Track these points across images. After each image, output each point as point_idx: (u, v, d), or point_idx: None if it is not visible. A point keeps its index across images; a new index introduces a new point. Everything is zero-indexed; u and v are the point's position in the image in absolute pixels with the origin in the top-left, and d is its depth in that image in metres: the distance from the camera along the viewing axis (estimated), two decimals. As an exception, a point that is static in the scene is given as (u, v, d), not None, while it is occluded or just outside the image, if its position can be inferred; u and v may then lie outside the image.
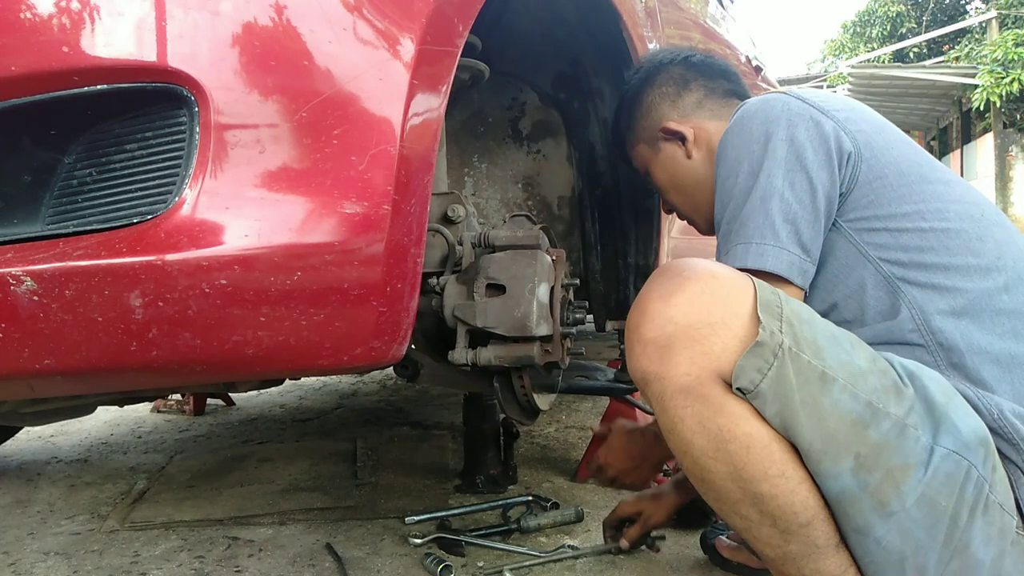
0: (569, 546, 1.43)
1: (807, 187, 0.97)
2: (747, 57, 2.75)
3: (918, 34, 19.92)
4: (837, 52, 24.18)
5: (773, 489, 0.84)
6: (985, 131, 15.10)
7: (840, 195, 0.99)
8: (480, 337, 1.08)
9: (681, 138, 1.25)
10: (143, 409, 2.84)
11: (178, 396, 2.72)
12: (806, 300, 0.99)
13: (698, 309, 0.85)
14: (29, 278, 0.72)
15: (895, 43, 19.67)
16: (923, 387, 0.86)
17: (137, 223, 0.74)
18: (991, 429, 0.87)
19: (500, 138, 1.67)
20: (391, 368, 1.34)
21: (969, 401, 0.89)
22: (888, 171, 0.99)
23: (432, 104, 0.86)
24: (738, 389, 0.84)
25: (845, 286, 0.99)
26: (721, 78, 1.30)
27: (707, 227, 1.23)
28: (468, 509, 1.65)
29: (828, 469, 0.83)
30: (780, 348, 0.83)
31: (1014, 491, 0.87)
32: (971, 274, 0.94)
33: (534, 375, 1.20)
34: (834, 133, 0.99)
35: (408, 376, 1.31)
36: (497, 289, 1.06)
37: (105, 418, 2.70)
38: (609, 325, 1.79)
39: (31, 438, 2.48)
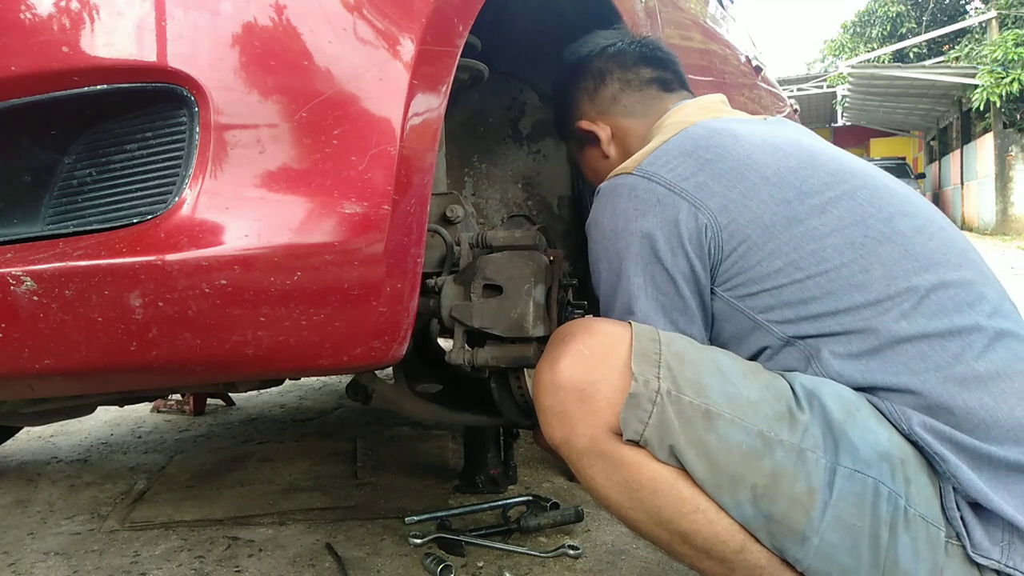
0: (569, 546, 1.43)
1: (667, 278, 0.97)
2: (747, 57, 2.76)
3: (918, 34, 19.94)
4: (837, 52, 24.23)
5: (693, 525, 0.85)
6: (985, 131, 15.10)
7: (710, 268, 0.96)
8: (478, 338, 1.08)
9: (596, 138, 1.24)
10: (143, 409, 2.84)
11: (178, 396, 2.72)
12: None
13: (580, 370, 0.88)
14: (29, 278, 0.72)
15: (895, 43, 19.70)
16: (822, 406, 0.85)
17: (137, 223, 0.74)
18: (912, 442, 0.86)
19: (500, 138, 1.67)
20: (346, 388, 1.35)
21: (883, 414, 0.87)
22: (751, 230, 0.94)
23: (432, 104, 0.86)
24: (628, 440, 0.85)
25: (747, 349, 0.97)
26: (640, 65, 1.24)
27: None
28: (468, 509, 1.65)
29: (727, 502, 0.84)
30: (658, 394, 0.84)
31: (941, 500, 0.85)
32: (861, 312, 0.89)
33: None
34: (684, 212, 0.95)
35: (360, 400, 1.32)
36: (494, 290, 1.06)
37: (105, 418, 2.70)
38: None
39: (31, 438, 2.48)
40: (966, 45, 17.00)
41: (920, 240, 0.93)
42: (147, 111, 0.75)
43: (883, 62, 18.61)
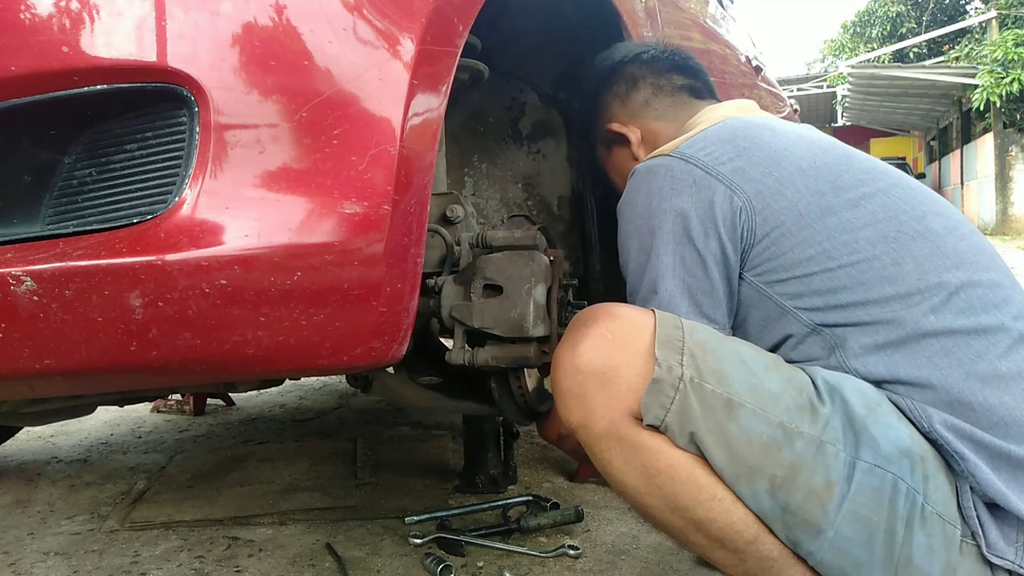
0: (569, 546, 1.43)
1: (697, 259, 0.97)
2: (747, 57, 2.75)
3: (918, 34, 19.95)
4: (837, 52, 24.24)
5: (709, 513, 0.85)
6: (985, 131, 15.10)
7: (741, 252, 0.97)
8: (478, 338, 1.08)
9: (627, 140, 1.26)
10: (143, 409, 2.84)
11: (178, 396, 2.72)
12: None
13: (601, 354, 0.87)
14: (29, 278, 0.72)
15: (895, 43, 19.70)
16: (843, 401, 0.86)
17: (137, 223, 0.74)
18: (930, 440, 0.86)
19: (500, 138, 1.67)
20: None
21: (903, 411, 0.88)
22: (785, 217, 0.95)
23: (432, 104, 0.86)
24: (648, 425, 0.85)
25: (772, 336, 0.98)
26: (672, 73, 1.26)
27: None
28: (468, 509, 1.65)
29: (744, 491, 0.84)
30: (681, 381, 0.84)
31: (958, 499, 0.85)
32: (890, 303, 0.91)
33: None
34: (720, 194, 0.97)
35: (359, 387, 1.32)
36: (494, 290, 1.06)
37: (105, 418, 2.70)
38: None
39: (31, 438, 2.48)
40: (966, 45, 17.00)
41: (952, 240, 0.94)
42: (147, 111, 0.75)
43: (883, 62, 18.61)
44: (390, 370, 1.33)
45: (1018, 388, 0.86)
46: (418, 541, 1.48)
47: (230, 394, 2.78)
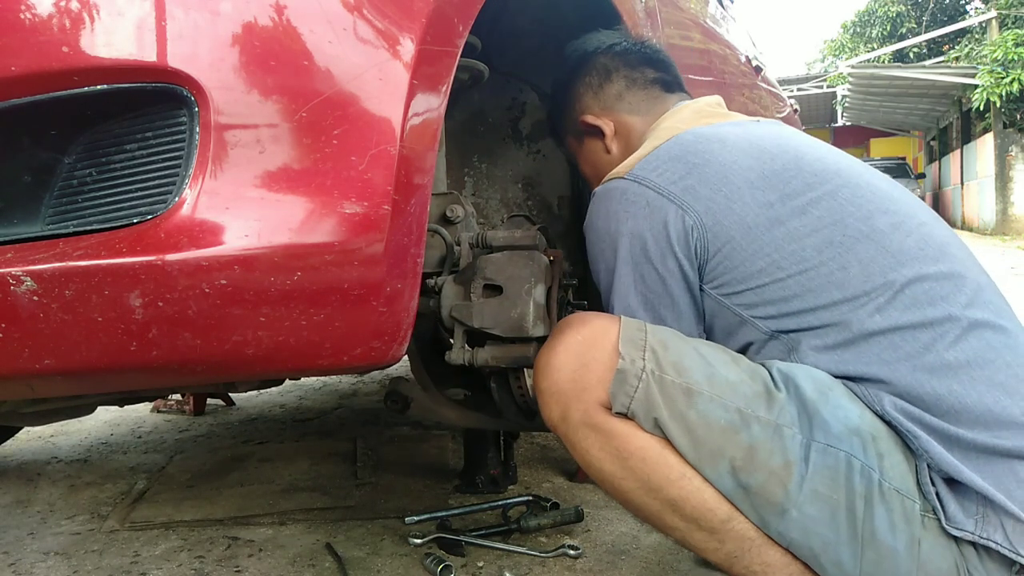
0: (569, 546, 1.43)
1: (656, 277, 1.03)
2: (747, 57, 2.76)
3: (918, 34, 19.94)
4: (837, 52, 24.23)
5: (681, 492, 0.91)
6: (985, 131, 15.09)
7: (698, 267, 1.02)
8: (478, 338, 1.08)
9: (600, 132, 1.27)
10: (143, 409, 2.84)
11: (178, 396, 2.72)
12: None
13: (574, 353, 0.95)
14: (29, 278, 0.72)
15: (895, 43, 19.69)
16: (796, 387, 0.91)
17: (137, 223, 0.73)
18: (886, 422, 0.90)
19: (500, 138, 1.67)
20: (384, 396, 1.35)
21: (858, 396, 0.92)
22: (734, 231, 0.99)
23: (432, 104, 0.86)
24: (617, 412, 0.92)
25: (736, 343, 1.03)
26: (645, 66, 1.28)
27: None
28: (468, 509, 1.65)
29: (709, 473, 0.90)
30: (643, 372, 0.91)
31: (917, 476, 0.89)
32: (838, 307, 0.94)
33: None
34: (672, 214, 1.00)
35: (398, 410, 1.32)
36: (494, 290, 1.06)
37: (105, 418, 2.70)
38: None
39: (31, 438, 2.48)
40: (966, 45, 16.99)
41: (898, 236, 0.97)
42: (147, 111, 0.75)
43: (883, 62, 18.60)
44: (408, 378, 1.32)
45: (967, 376, 0.89)
46: (418, 541, 1.48)
47: (230, 394, 2.78)
